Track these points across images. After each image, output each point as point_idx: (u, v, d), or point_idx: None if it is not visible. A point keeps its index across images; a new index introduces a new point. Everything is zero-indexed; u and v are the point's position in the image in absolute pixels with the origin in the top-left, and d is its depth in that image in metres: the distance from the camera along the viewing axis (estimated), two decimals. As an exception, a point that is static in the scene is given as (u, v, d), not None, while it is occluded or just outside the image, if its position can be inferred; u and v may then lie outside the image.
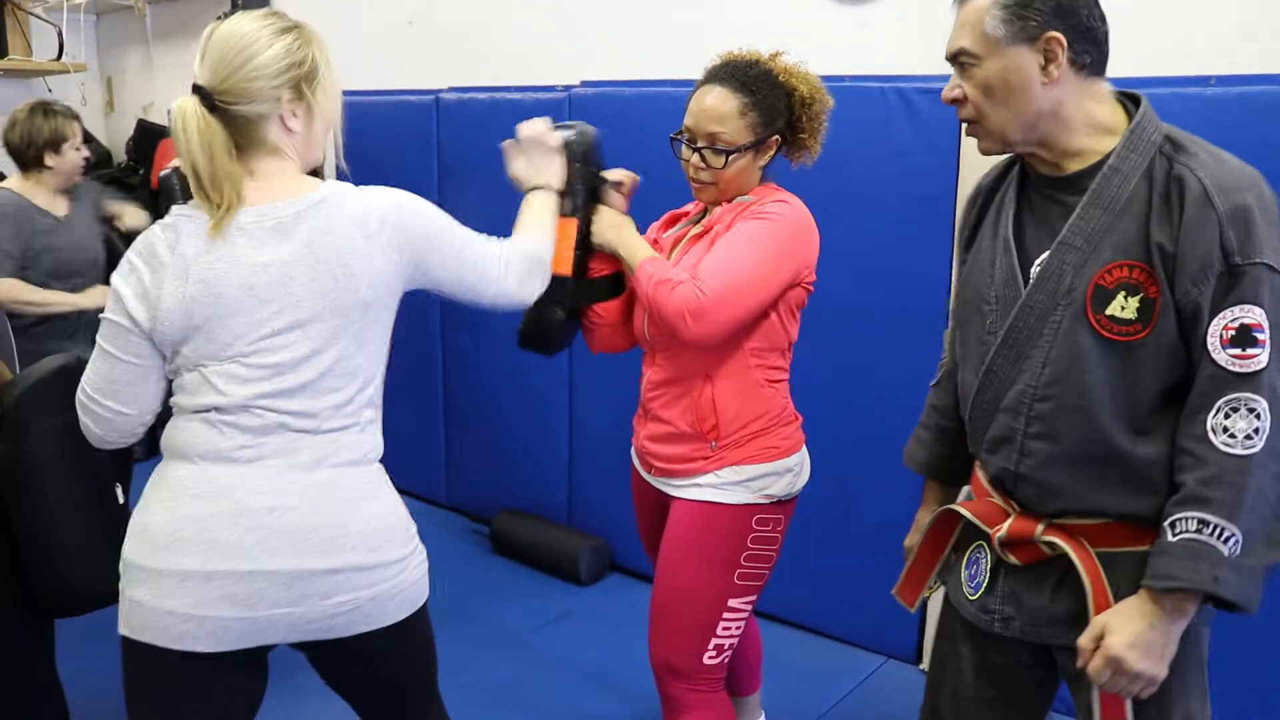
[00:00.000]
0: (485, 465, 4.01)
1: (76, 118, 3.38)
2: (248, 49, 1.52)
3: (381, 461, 1.66)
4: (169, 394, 1.60)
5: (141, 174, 5.02)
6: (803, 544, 3.06)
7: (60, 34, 5.09)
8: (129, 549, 1.54)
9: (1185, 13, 2.44)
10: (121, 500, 2.17)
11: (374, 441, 1.63)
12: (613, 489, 3.55)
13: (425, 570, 1.68)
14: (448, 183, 3.91)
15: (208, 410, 1.53)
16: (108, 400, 1.56)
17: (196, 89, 1.52)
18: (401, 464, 4.55)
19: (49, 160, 3.27)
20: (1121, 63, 2.48)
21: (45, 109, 3.31)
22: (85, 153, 3.39)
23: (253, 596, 1.50)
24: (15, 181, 3.35)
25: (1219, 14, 2.39)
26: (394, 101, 4.06)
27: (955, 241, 2.68)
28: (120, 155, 5.37)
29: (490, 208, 3.66)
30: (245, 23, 1.55)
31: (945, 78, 2.65)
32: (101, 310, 1.64)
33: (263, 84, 1.52)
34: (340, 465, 1.56)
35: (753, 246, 1.89)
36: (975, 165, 2.63)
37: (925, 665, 2.93)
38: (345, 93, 4.50)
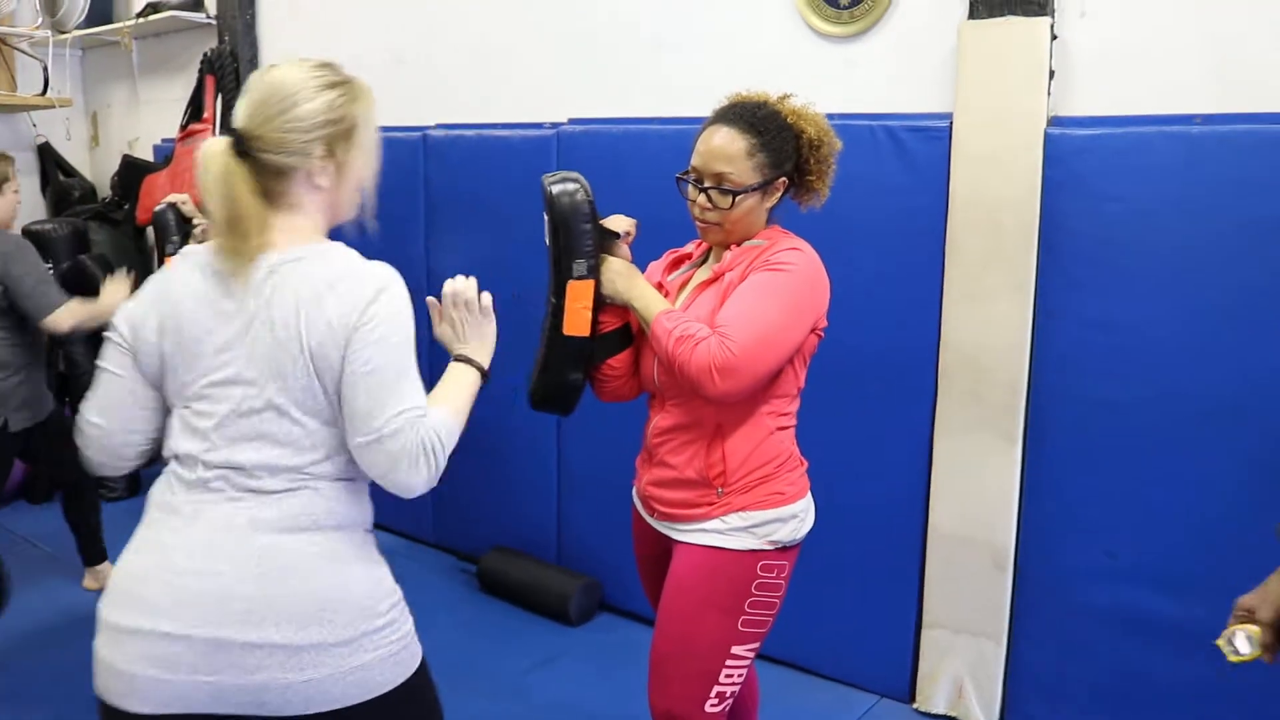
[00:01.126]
0: (473, 503, 3.98)
1: (11, 160, 3.41)
2: (289, 98, 1.49)
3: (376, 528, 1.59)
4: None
5: (126, 209, 4.99)
6: (796, 582, 3.03)
7: (46, 69, 5.08)
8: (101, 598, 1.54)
9: (1170, 52, 2.46)
10: None
11: (336, 507, 1.51)
12: (602, 527, 3.53)
13: (393, 653, 1.53)
14: (434, 219, 3.90)
15: (170, 459, 1.54)
16: (90, 414, 1.58)
17: (231, 131, 1.50)
18: (388, 501, 4.51)
19: None
20: (1106, 102, 2.53)
21: None
22: (20, 195, 3.44)
23: (171, 659, 1.43)
24: None
25: (1204, 53, 2.42)
26: (382, 138, 4.04)
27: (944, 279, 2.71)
28: (105, 190, 5.35)
29: (475, 244, 3.71)
30: (295, 72, 1.52)
31: (932, 115, 2.71)
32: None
33: (295, 136, 1.49)
34: (282, 530, 1.47)
35: (775, 300, 1.86)
36: (964, 202, 2.66)
37: (918, 703, 2.91)
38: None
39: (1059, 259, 2.58)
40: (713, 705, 1.96)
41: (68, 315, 3.22)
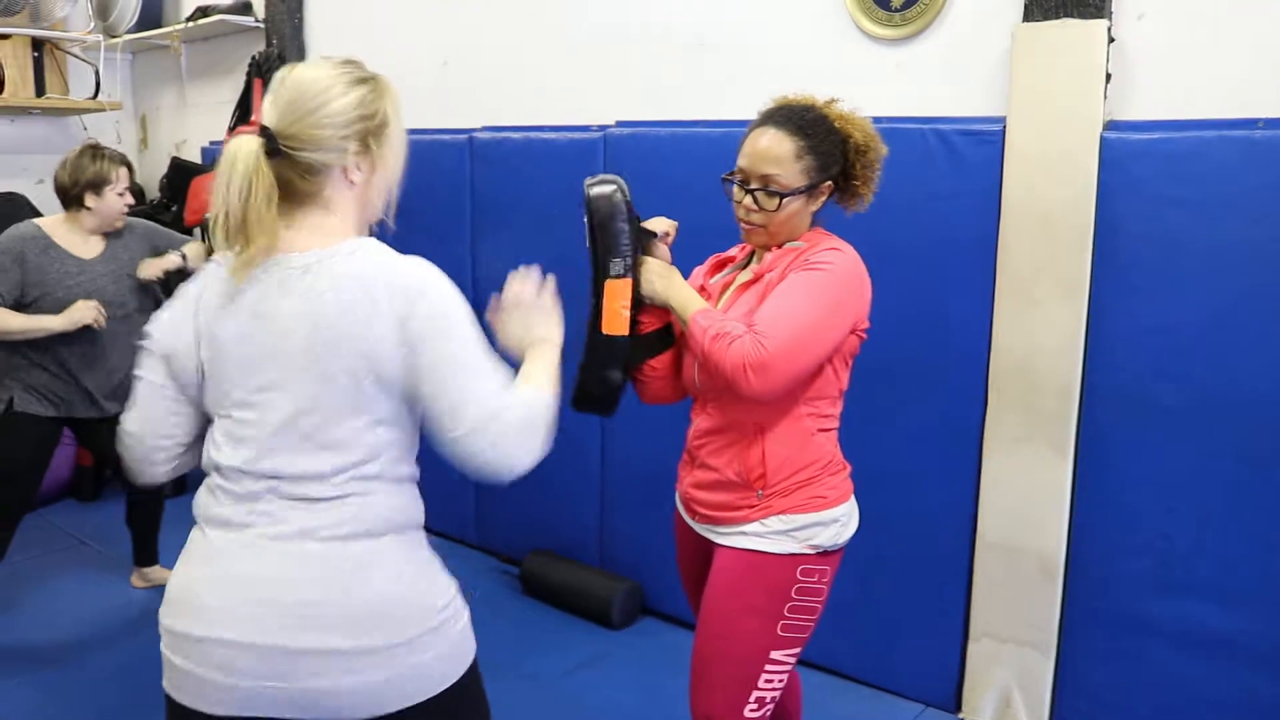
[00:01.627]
0: (516, 505, 3.98)
1: (126, 164, 3.39)
2: (320, 95, 1.49)
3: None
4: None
5: (174, 211, 5.05)
6: (842, 588, 3.01)
7: (97, 73, 5.15)
8: (161, 609, 1.56)
9: (1230, 54, 2.42)
10: None
11: (383, 512, 1.51)
12: (645, 530, 3.52)
13: (450, 651, 1.54)
14: (480, 221, 3.91)
15: (212, 471, 1.54)
16: (128, 424, 1.60)
17: (263, 130, 1.49)
18: (430, 503, 4.52)
19: (89, 201, 3.29)
20: (1164, 105, 2.49)
21: (95, 151, 3.33)
22: (129, 199, 3.39)
23: (232, 665, 1.45)
24: (51, 218, 3.38)
25: (1265, 56, 2.37)
26: (429, 140, 4.07)
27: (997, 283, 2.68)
28: (154, 192, 5.41)
29: (521, 246, 3.70)
30: (321, 70, 1.53)
31: (985, 119, 2.68)
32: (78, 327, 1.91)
33: (331, 133, 1.49)
34: (334, 538, 1.47)
35: (811, 298, 1.84)
36: (1017, 207, 2.63)
37: (964, 713, 2.88)
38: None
39: (1114, 264, 2.54)
40: (752, 710, 1.94)
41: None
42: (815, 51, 3.04)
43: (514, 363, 1.64)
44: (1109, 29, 2.51)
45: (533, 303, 1.73)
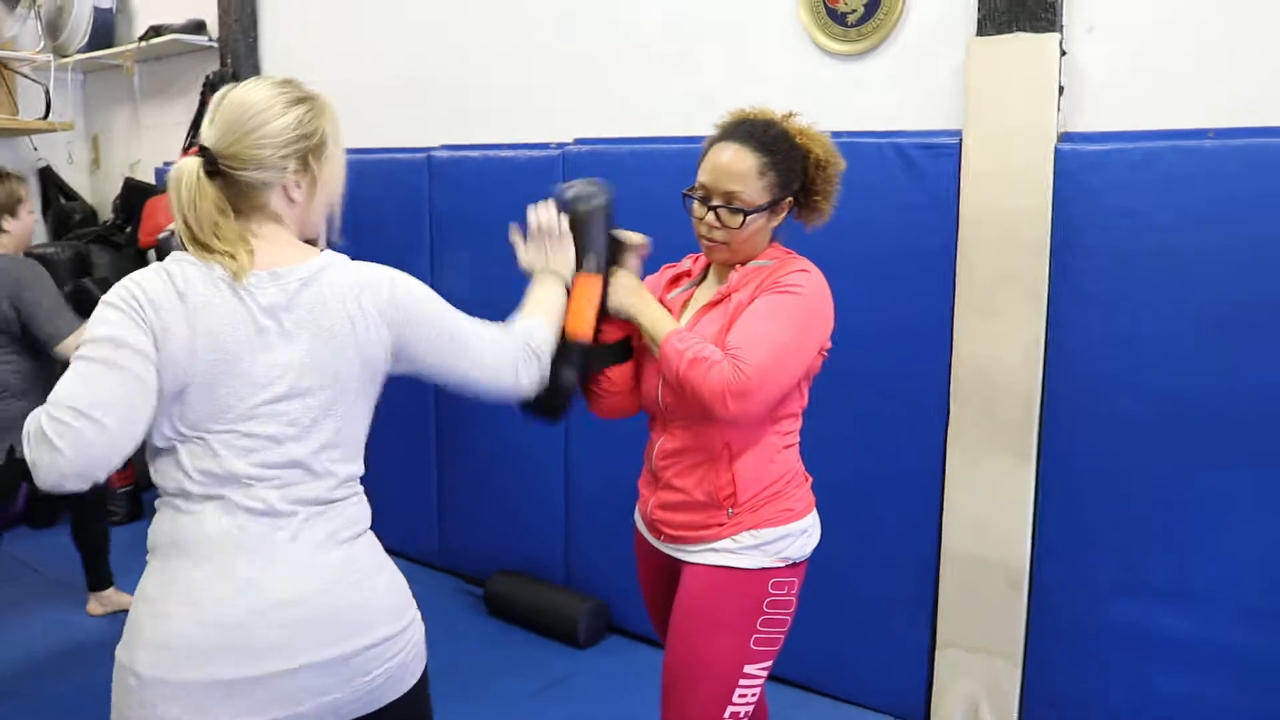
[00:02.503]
0: (479, 525, 3.95)
1: (24, 181, 3.40)
2: (258, 116, 1.50)
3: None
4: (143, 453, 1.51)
5: (128, 231, 4.98)
6: (807, 602, 3.00)
7: (47, 93, 5.08)
8: (145, 663, 1.42)
9: (1180, 66, 2.45)
10: None
11: (368, 510, 1.63)
12: (611, 548, 3.49)
13: (422, 633, 1.67)
14: (439, 240, 3.89)
15: (217, 493, 1.45)
16: (94, 410, 1.35)
17: (202, 150, 1.50)
18: (393, 523, 4.48)
19: (6, 225, 3.28)
20: (1117, 117, 2.53)
21: (2, 174, 3.33)
22: (36, 215, 3.42)
23: (300, 692, 1.46)
24: None
25: (1214, 67, 2.41)
26: (387, 159, 4.04)
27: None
28: (107, 213, 5.33)
29: (480, 263, 3.69)
30: (260, 90, 1.53)
31: (943, 132, 2.71)
32: None
33: (270, 153, 1.50)
34: (347, 540, 1.55)
35: (785, 322, 1.84)
36: (974, 219, 2.65)
37: (933, 725, 2.88)
38: (339, 151, 4.45)
39: (1071, 274, 2.57)
40: None
41: (77, 341, 3.19)
42: (773, 67, 3.06)
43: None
44: (1060, 42, 2.54)
45: (554, 233, 1.93)
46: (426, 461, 4.08)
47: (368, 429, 1.62)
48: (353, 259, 1.60)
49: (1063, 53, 2.55)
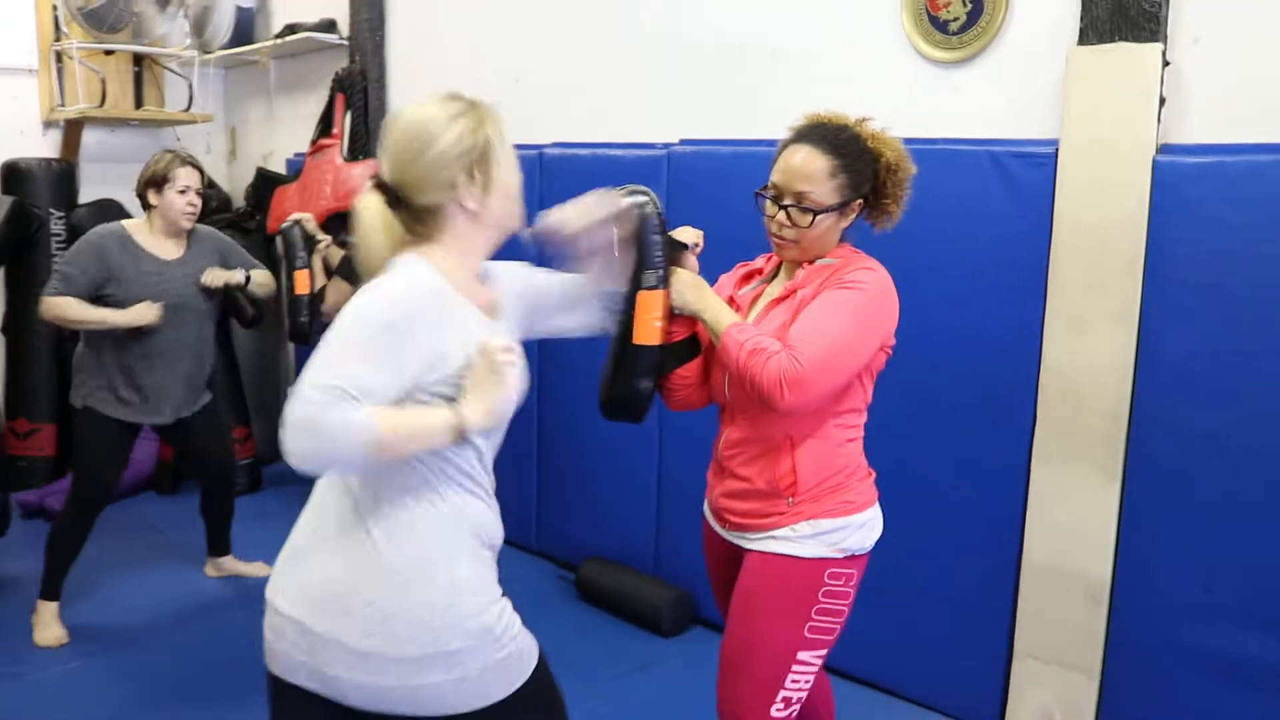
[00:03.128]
0: (575, 514, 4.08)
1: (191, 163, 3.47)
2: (425, 137, 1.60)
3: None
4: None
5: (258, 219, 5.26)
6: (886, 603, 3.05)
7: (191, 87, 5.40)
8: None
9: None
10: None
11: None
12: (699, 541, 3.54)
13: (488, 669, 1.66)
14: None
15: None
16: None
17: (379, 184, 1.63)
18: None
19: (152, 199, 3.42)
20: (1219, 129, 2.49)
21: (165, 152, 3.49)
22: (191, 198, 3.44)
23: (279, 629, 1.65)
24: (135, 220, 3.52)
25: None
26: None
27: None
28: (240, 201, 5.64)
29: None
30: (425, 110, 1.63)
31: (1040, 141, 2.71)
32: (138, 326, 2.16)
33: (440, 172, 1.60)
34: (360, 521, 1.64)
35: (845, 316, 1.90)
36: (1068, 229, 2.64)
37: (1008, 733, 2.88)
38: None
39: (1165, 287, 2.54)
40: (779, 710, 1.99)
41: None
42: (874, 72, 3.09)
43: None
44: (1164, 52, 2.51)
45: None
46: (528, 452, 4.23)
47: None
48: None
49: (1166, 63, 2.52)
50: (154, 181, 3.42)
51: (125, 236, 3.42)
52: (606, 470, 3.93)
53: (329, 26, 4.94)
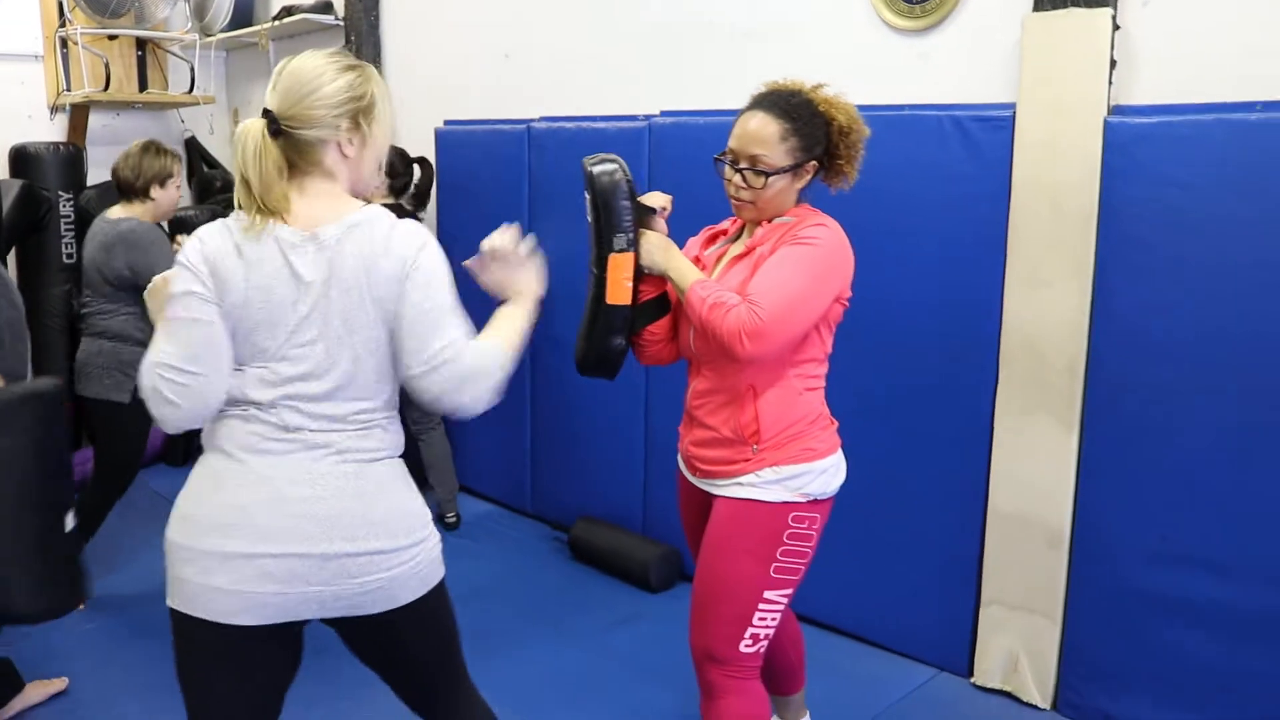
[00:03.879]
0: (566, 476, 4.21)
1: (180, 159, 3.68)
2: (314, 80, 1.71)
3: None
4: None
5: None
6: (857, 555, 3.17)
7: (193, 69, 5.52)
8: (174, 531, 1.74)
9: (1232, 39, 2.49)
10: (70, 526, 2.36)
11: (392, 440, 1.80)
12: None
13: (439, 553, 1.84)
14: (537, 205, 4.13)
15: (245, 406, 1.71)
16: (190, 365, 1.66)
17: (265, 113, 1.72)
18: (491, 475, 4.78)
19: (154, 193, 3.56)
20: (1168, 90, 2.58)
21: (156, 148, 3.62)
22: (183, 190, 3.67)
23: (288, 574, 1.68)
24: (119, 208, 3.61)
25: (1265, 40, 2.44)
26: (490, 131, 4.33)
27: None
28: (243, 180, 5.76)
29: (574, 229, 3.91)
30: (315, 59, 1.75)
31: (997, 105, 2.80)
32: None
33: (324, 112, 1.71)
34: (362, 461, 1.74)
35: (801, 270, 2.02)
36: (1026, 190, 2.74)
37: (976, 678, 3.00)
38: (449, 121, 4.77)
39: (1117, 245, 2.63)
40: (747, 645, 2.12)
41: None
42: (843, 42, 3.18)
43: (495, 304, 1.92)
44: (1113, 17, 2.60)
45: (512, 256, 1.95)
46: (521, 419, 4.35)
47: (389, 369, 1.75)
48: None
49: (1116, 27, 2.61)
50: (160, 178, 3.57)
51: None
52: (596, 435, 4.06)
53: (325, 8, 5.04)
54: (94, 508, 3.56)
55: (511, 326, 1.88)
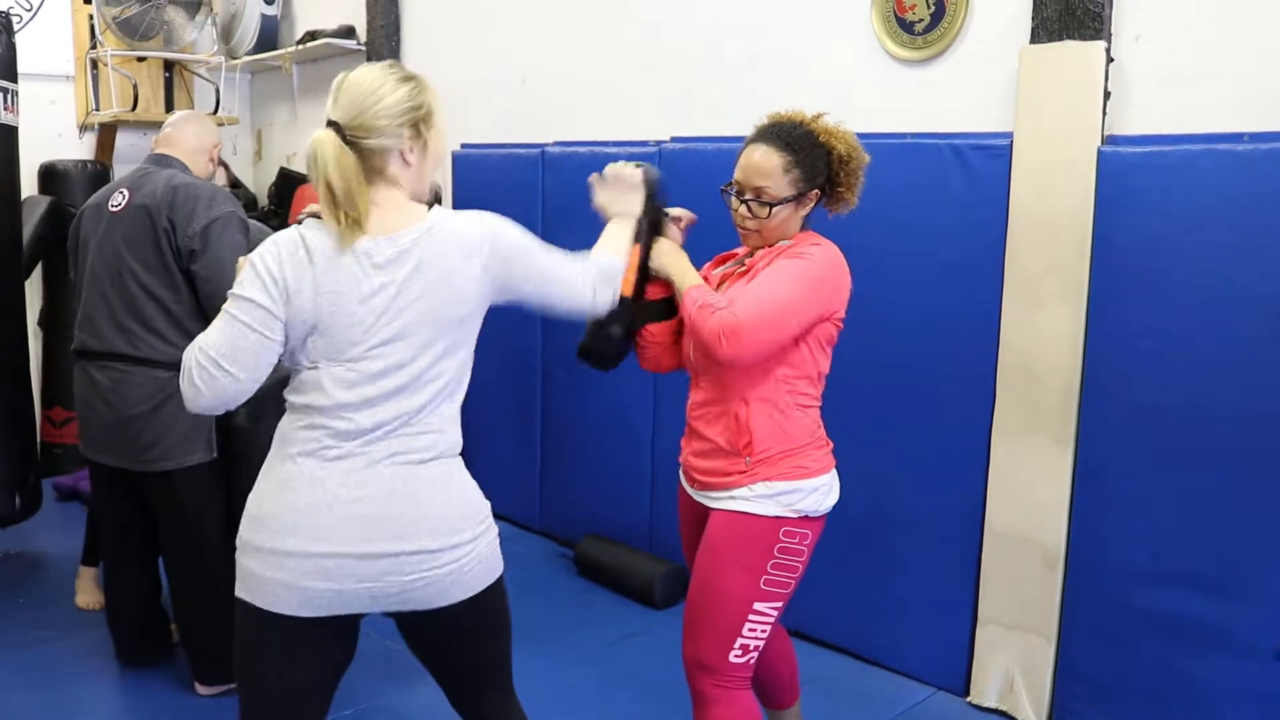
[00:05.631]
0: (574, 493, 4.28)
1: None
2: (376, 92, 1.79)
3: (463, 455, 1.90)
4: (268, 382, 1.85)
5: (281, 215, 5.50)
6: (856, 573, 3.23)
7: (218, 91, 5.66)
8: (245, 529, 1.82)
9: (1221, 73, 2.56)
10: None
11: (449, 440, 1.85)
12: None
13: (496, 547, 1.90)
14: (551, 227, 4.22)
15: (309, 411, 1.78)
16: (228, 365, 1.74)
17: (332, 124, 1.79)
18: (501, 492, 4.86)
19: None
20: (1161, 121, 2.65)
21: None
22: None
23: (342, 572, 1.76)
24: None
25: (1256, 74, 2.51)
26: (506, 154, 4.43)
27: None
28: (264, 200, 5.89)
29: (587, 248, 4.01)
30: (373, 71, 1.83)
31: (995, 134, 2.87)
32: None
33: (388, 122, 1.78)
34: (414, 461, 1.80)
35: (786, 279, 2.11)
36: (1023, 215, 2.81)
37: (972, 697, 3.04)
38: (465, 144, 4.88)
39: (1111, 269, 2.70)
40: (736, 655, 2.18)
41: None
42: (847, 71, 3.26)
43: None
44: (1107, 50, 2.68)
45: (626, 180, 2.22)
46: (531, 437, 4.43)
47: (467, 367, 1.87)
48: None
49: (1110, 59, 2.68)
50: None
51: None
52: (604, 453, 4.13)
53: (348, 33, 5.17)
54: None
55: (621, 238, 2.15)
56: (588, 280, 1.97)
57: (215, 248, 2.85)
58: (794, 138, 2.17)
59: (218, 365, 1.74)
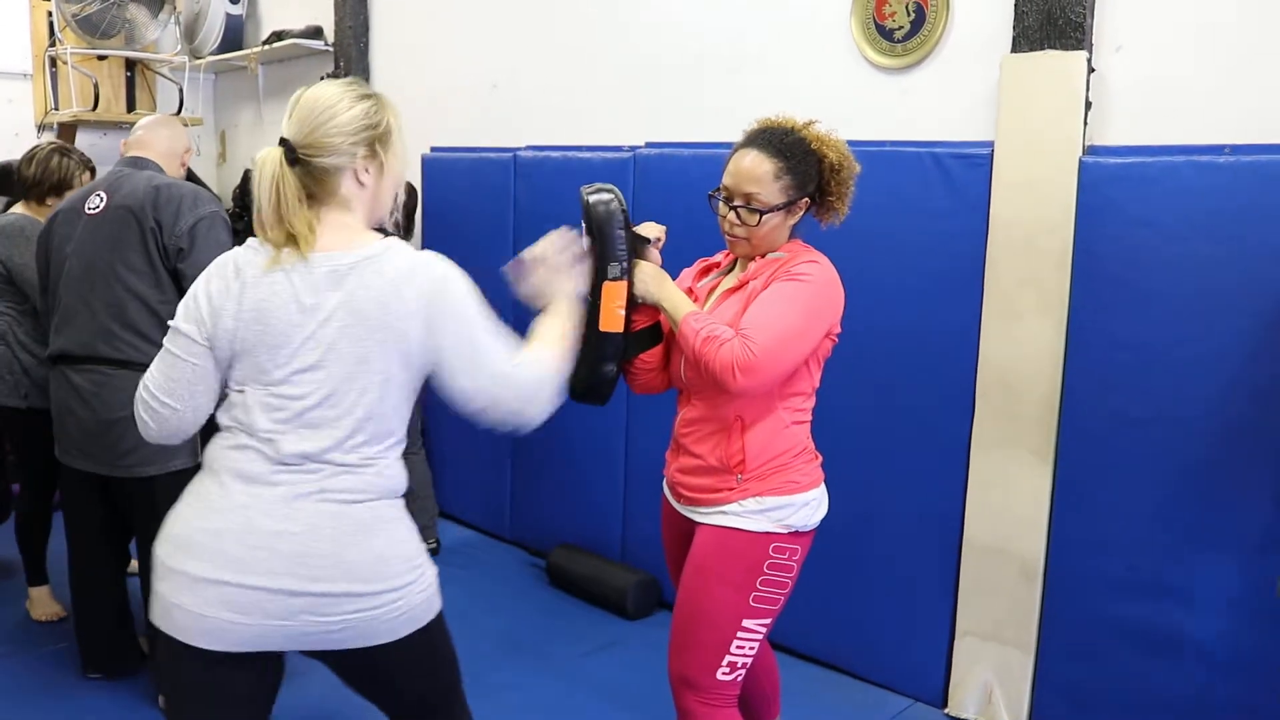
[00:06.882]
0: (546, 502, 4.22)
1: (91, 169, 3.56)
2: (331, 109, 1.72)
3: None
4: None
5: (246, 220, 5.39)
6: (835, 586, 3.20)
7: (181, 91, 5.55)
8: (158, 547, 1.73)
9: (1201, 84, 2.56)
10: None
11: (387, 481, 1.75)
12: (661, 526, 3.72)
13: (429, 594, 1.79)
14: (522, 232, 4.16)
15: (239, 430, 1.71)
16: (165, 397, 1.74)
17: (283, 142, 1.73)
18: (471, 500, 4.78)
19: (49, 200, 3.45)
20: (1141, 132, 2.65)
21: (63, 152, 3.54)
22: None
23: (250, 606, 1.64)
24: (22, 207, 3.55)
25: (1237, 86, 2.51)
26: (477, 158, 4.37)
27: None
28: (228, 203, 5.78)
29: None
30: (331, 88, 1.76)
31: (975, 143, 2.86)
32: None
33: (341, 140, 1.72)
34: (346, 501, 1.69)
35: (794, 306, 2.05)
36: (1003, 225, 2.80)
37: (950, 709, 3.02)
38: (435, 148, 4.80)
39: (1091, 281, 2.69)
40: (724, 673, 2.13)
41: None
42: (826, 78, 3.24)
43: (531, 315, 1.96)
44: (1089, 60, 2.67)
45: (555, 261, 2.02)
46: (502, 446, 4.36)
47: (403, 415, 1.76)
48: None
49: (1091, 70, 2.68)
50: (57, 187, 3.46)
51: (38, 223, 3.37)
52: (576, 462, 4.07)
53: (315, 33, 5.09)
54: (24, 508, 3.57)
55: (559, 331, 1.93)
56: (502, 403, 1.76)
57: (202, 246, 2.81)
58: (785, 144, 2.12)
59: (157, 399, 1.75)
